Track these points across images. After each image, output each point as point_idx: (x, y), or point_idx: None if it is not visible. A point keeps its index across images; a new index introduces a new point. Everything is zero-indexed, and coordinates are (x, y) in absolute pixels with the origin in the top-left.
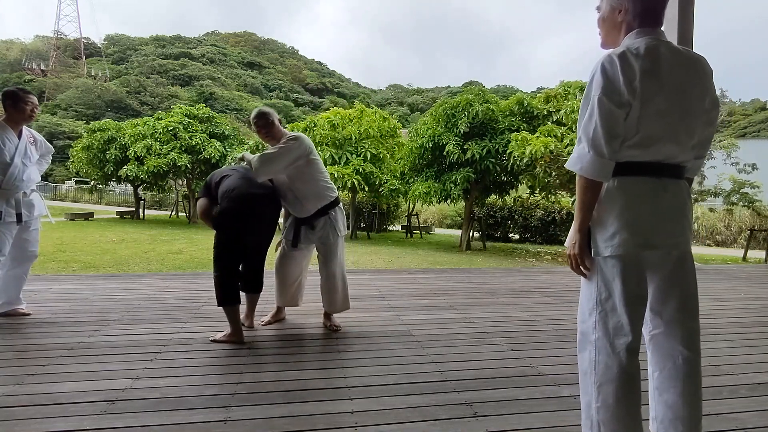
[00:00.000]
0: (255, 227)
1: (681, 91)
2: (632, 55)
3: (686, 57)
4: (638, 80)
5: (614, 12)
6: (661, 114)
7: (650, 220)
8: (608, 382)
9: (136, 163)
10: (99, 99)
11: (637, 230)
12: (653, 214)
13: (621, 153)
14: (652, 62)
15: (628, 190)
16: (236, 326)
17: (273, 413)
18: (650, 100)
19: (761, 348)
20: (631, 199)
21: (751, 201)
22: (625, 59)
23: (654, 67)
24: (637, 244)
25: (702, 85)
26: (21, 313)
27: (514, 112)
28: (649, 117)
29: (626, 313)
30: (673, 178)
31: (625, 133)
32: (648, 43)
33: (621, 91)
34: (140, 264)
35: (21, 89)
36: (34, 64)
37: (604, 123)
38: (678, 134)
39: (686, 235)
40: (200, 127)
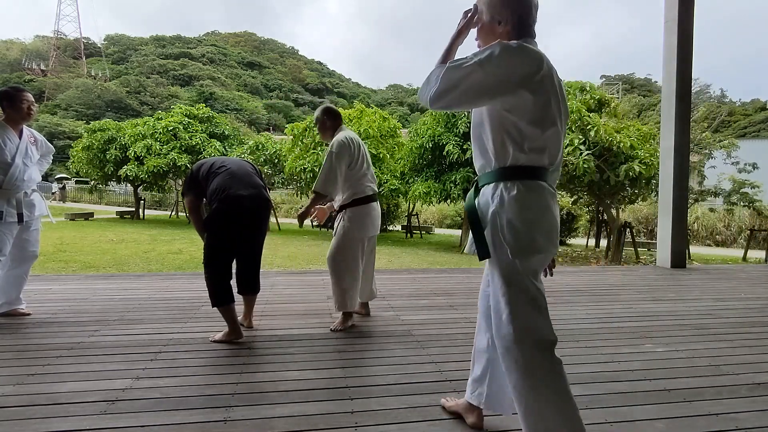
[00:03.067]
0: (247, 229)
1: (563, 98)
2: (533, 53)
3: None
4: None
5: (493, 22)
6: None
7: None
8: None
9: (136, 163)
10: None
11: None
12: (551, 217)
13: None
14: (548, 66)
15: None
16: (234, 325)
17: (273, 413)
18: (548, 105)
19: (761, 348)
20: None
21: (751, 201)
22: (525, 51)
23: (547, 72)
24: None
25: (564, 94)
26: (21, 313)
27: None
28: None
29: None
30: (552, 182)
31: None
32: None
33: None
34: (140, 264)
35: (14, 87)
36: (34, 64)
37: (475, 84)
38: (560, 139)
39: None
40: (200, 127)
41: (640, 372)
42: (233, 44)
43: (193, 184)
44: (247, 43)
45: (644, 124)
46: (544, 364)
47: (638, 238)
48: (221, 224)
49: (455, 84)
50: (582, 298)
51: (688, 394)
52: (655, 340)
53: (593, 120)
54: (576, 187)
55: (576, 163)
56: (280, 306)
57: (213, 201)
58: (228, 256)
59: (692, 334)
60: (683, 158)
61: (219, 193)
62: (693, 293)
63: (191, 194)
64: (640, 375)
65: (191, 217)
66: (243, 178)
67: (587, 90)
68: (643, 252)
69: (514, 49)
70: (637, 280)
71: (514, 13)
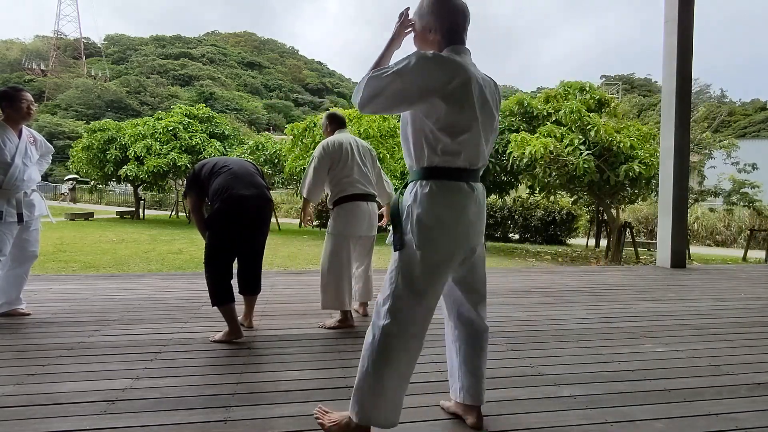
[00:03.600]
0: (248, 229)
1: (483, 104)
2: (449, 61)
3: (482, 73)
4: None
5: (425, 31)
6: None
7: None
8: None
9: (136, 163)
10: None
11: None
12: (463, 217)
13: (433, 158)
14: (467, 72)
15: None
16: (234, 324)
17: (273, 413)
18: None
19: (761, 348)
20: (441, 202)
21: (751, 201)
22: (441, 61)
23: (466, 79)
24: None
25: (495, 100)
26: (21, 313)
27: (513, 112)
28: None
29: (423, 304)
30: (475, 182)
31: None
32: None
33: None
34: (140, 264)
35: (12, 87)
36: (34, 64)
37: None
38: (480, 142)
39: (482, 232)
40: (200, 127)
41: (640, 372)
42: (233, 44)
43: (195, 184)
44: (247, 43)
45: (644, 124)
46: (394, 346)
47: (638, 238)
48: (222, 224)
49: (378, 92)
50: (582, 298)
51: (688, 394)
52: (655, 340)
53: (593, 120)
54: (576, 187)
55: (576, 163)
56: (280, 306)
57: (215, 201)
58: (229, 255)
59: (692, 334)
60: (683, 158)
61: (221, 193)
62: (693, 293)
63: (194, 194)
64: (640, 375)
65: (193, 216)
66: (245, 178)
67: (587, 90)
68: (643, 252)
69: (428, 59)
70: (637, 280)
71: (443, 22)
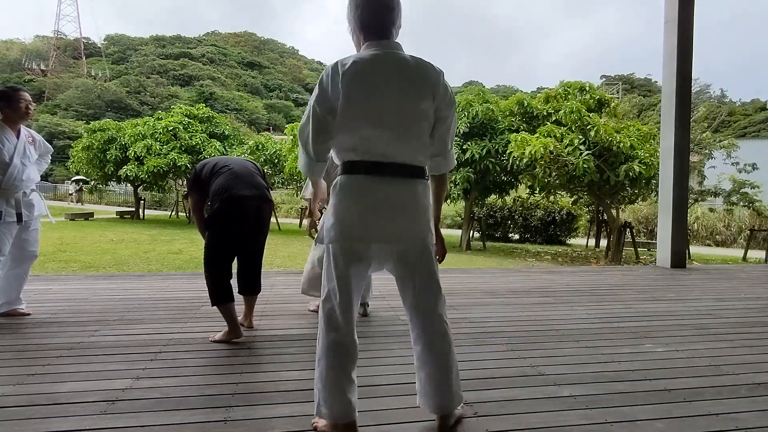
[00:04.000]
0: (248, 230)
1: (391, 96)
2: (341, 65)
3: (406, 64)
4: (343, 85)
5: (352, 33)
6: (368, 117)
7: (361, 217)
8: (322, 356)
9: (136, 163)
10: (99, 99)
11: (347, 225)
12: (366, 210)
13: (341, 154)
14: (362, 69)
15: (346, 189)
16: (233, 324)
17: (273, 413)
18: (356, 105)
19: (761, 348)
20: (347, 197)
21: (751, 201)
22: (335, 69)
23: (362, 75)
24: (346, 237)
25: (419, 90)
26: (21, 313)
27: (513, 113)
28: (358, 120)
29: (338, 296)
30: (394, 177)
31: (340, 136)
32: (365, 53)
33: (329, 99)
34: (140, 264)
35: (11, 87)
36: (34, 64)
37: (315, 129)
38: (389, 136)
39: (412, 231)
40: (200, 127)
41: (640, 372)
42: (233, 44)
43: (196, 184)
44: (247, 43)
45: (644, 124)
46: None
47: (638, 238)
48: (222, 224)
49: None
50: (582, 298)
51: (688, 394)
52: (655, 340)
53: (593, 120)
54: (576, 187)
55: (576, 163)
56: (280, 306)
57: (215, 201)
58: (228, 255)
59: (692, 334)
60: (683, 158)
61: (221, 193)
62: (693, 293)
63: (195, 194)
64: (640, 375)
65: (194, 216)
66: (245, 179)
67: (587, 90)
68: (643, 252)
69: (326, 72)
70: (637, 280)
71: (356, 20)
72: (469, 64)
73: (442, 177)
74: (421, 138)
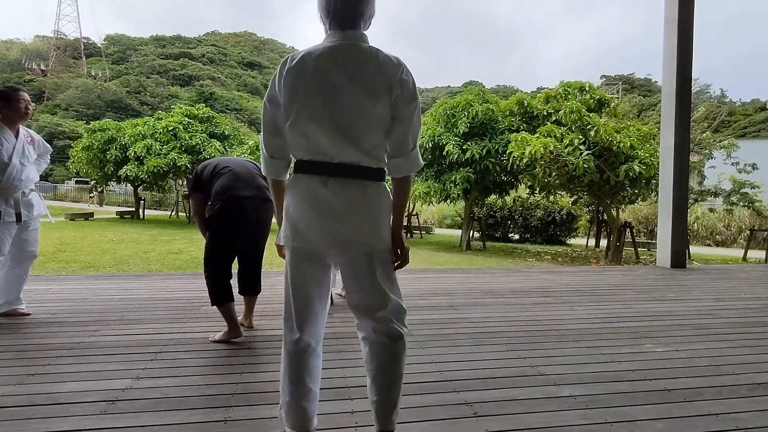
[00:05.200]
0: (249, 230)
1: (336, 92)
2: (290, 60)
3: (360, 57)
4: (285, 83)
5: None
6: (309, 114)
7: (308, 218)
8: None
9: (136, 163)
10: (99, 99)
11: (296, 226)
12: (311, 212)
13: (291, 152)
14: (305, 64)
15: (293, 188)
16: (233, 323)
17: (273, 413)
18: (300, 102)
19: (761, 348)
20: (295, 196)
21: (751, 201)
22: (283, 64)
23: (305, 70)
24: (296, 238)
25: (370, 85)
26: (21, 313)
27: (513, 112)
28: (302, 118)
29: (292, 298)
30: (342, 178)
31: (286, 134)
32: (318, 46)
33: (276, 95)
34: (140, 264)
35: (10, 87)
36: (34, 64)
37: (266, 125)
38: (332, 134)
39: (359, 235)
40: (200, 127)
41: (640, 372)
42: (233, 44)
43: (197, 185)
44: (247, 43)
45: (644, 124)
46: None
47: (638, 238)
48: (223, 224)
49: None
50: (582, 298)
51: (688, 394)
52: (655, 340)
53: (593, 120)
54: (576, 187)
55: (576, 163)
56: (280, 306)
57: (216, 201)
58: (229, 256)
59: (692, 334)
60: (683, 158)
61: (222, 194)
62: (693, 293)
63: (196, 194)
64: (640, 375)
65: (196, 217)
66: (246, 179)
67: (587, 90)
68: (643, 252)
69: (278, 68)
70: (637, 280)
71: (323, 8)
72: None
73: (403, 179)
74: (372, 138)
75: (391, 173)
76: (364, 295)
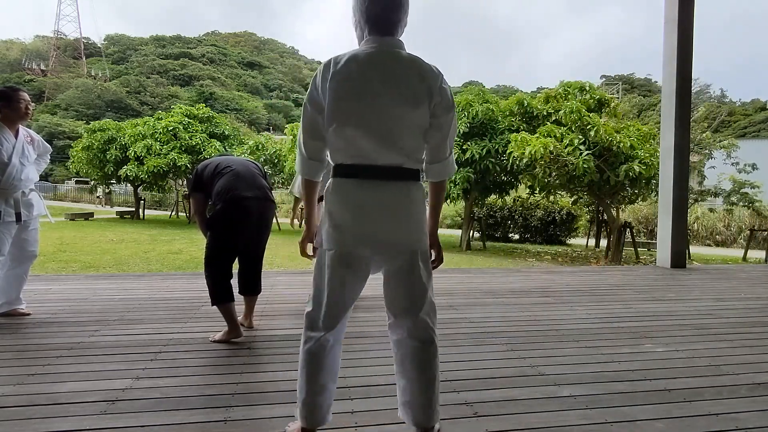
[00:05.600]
0: (250, 231)
1: (378, 97)
2: (334, 63)
3: (401, 64)
4: (331, 86)
5: (356, 26)
6: (353, 118)
7: (354, 220)
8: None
9: (136, 163)
10: (99, 99)
11: (341, 230)
12: (357, 214)
13: (332, 156)
14: (349, 68)
15: (335, 193)
16: (233, 323)
17: (273, 413)
18: (345, 107)
19: (761, 348)
20: (338, 201)
21: (751, 201)
22: (326, 67)
23: (350, 73)
24: (343, 242)
25: (412, 92)
26: (21, 313)
27: (513, 112)
28: (347, 123)
29: (326, 301)
30: (382, 180)
31: (329, 137)
32: (360, 50)
33: (318, 97)
34: (140, 264)
35: (10, 87)
36: (34, 64)
37: (306, 126)
38: (374, 138)
39: (403, 235)
40: (200, 127)
41: (640, 372)
42: (233, 44)
43: (198, 185)
44: (247, 43)
45: (644, 124)
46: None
47: (638, 238)
48: (225, 225)
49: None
50: (582, 298)
51: (688, 394)
52: (655, 340)
53: (593, 120)
54: (576, 187)
55: (576, 163)
56: (280, 306)
57: (217, 202)
58: (230, 256)
59: (692, 334)
60: (683, 158)
61: (224, 194)
62: (693, 293)
63: (197, 194)
64: (640, 375)
65: (196, 216)
66: (248, 179)
67: (587, 90)
68: (643, 252)
69: (319, 69)
70: (637, 280)
71: (363, 13)
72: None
73: (440, 183)
74: (413, 142)
75: (428, 177)
76: (408, 294)
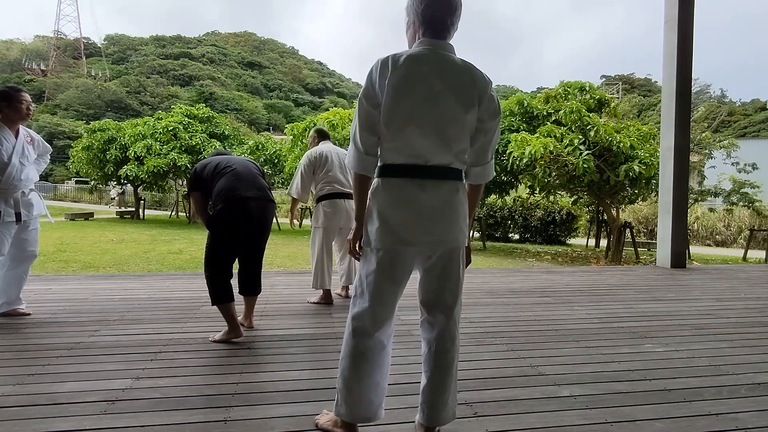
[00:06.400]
0: (251, 231)
1: (435, 98)
2: (392, 61)
3: (456, 68)
4: (390, 83)
5: (409, 26)
6: (410, 117)
7: (405, 219)
8: (344, 356)
9: (136, 163)
10: (99, 99)
11: (393, 227)
12: (408, 213)
13: (383, 154)
14: (409, 68)
15: (386, 192)
16: (233, 323)
17: (273, 413)
18: (403, 105)
19: (761, 348)
20: (389, 198)
21: (751, 201)
22: (385, 64)
23: (408, 73)
24: (393, 240)
25: (465, 97)
26: (21, 313)
27: (514, 112)
28: (399, 120)
29: (372, 299)
30: (433, 179)
31: (384, 135)
32: (417, 50)
33: (375, 93)
34: (140, 264)
35: (12, 87)
36: (34, 64)
37: (362, 121)
38: (429, 137)
39: (450, 233)
40: (200, 127)
41: (640, 372)
42: (233, 44)
43: (197, 184)
44: (247, 43)
45: (644, 124)
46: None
47: (638, 238)
48: (225, 225)
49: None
50: (582, 298)
51: (688, 394)
52: (655, 340)
53: (593, 120)
54: (576, 187)
55: (576, 163)
56: (280, 306)
57: (218, 202)
58: (230, 256)
59: (692, 334)
60: (683, 158)
61: (224, 194)
62: (693, 293)
63: (197, 192)
64: (640, 375)
65: (199, 216)
66: (248, 180)
67: (587, 90)
68: (643, 252)
69: (369, 74)
70: (637, 280)
71: (418, 15)
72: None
73: (478, 186)
74: (462, 143)
75: (469, 180)
76: (448, 290)
